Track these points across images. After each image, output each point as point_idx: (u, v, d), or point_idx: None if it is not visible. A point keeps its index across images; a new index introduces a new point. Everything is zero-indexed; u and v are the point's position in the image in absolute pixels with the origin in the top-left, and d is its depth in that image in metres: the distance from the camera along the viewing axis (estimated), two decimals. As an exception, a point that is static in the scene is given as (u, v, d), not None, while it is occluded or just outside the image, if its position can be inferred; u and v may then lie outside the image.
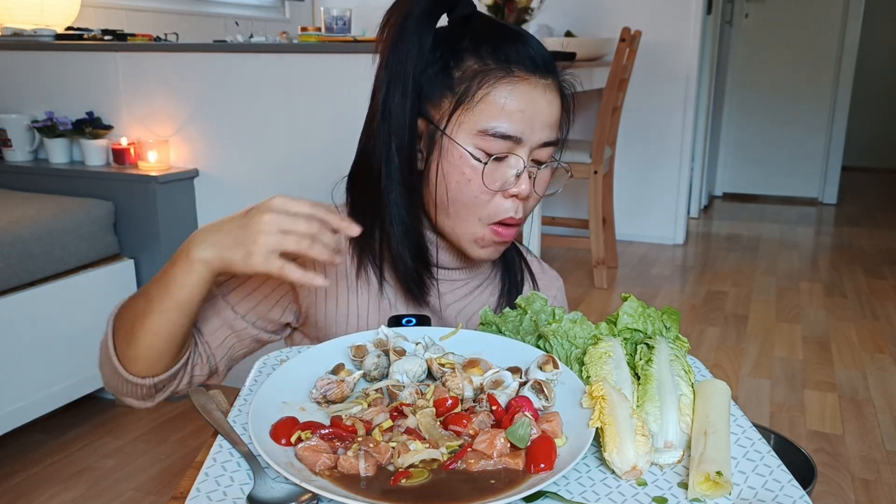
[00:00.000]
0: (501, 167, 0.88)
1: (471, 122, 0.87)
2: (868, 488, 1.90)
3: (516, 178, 0.88)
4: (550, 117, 0.89)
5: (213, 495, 0.59)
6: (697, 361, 0.83)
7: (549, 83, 0.90)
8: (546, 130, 0.89)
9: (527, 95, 0.87)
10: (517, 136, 0.87)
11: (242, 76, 2.18)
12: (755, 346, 2.79)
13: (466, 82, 0.87)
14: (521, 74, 0.87)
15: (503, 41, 0.88)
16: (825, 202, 5.42)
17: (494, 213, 0.90)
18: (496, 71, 0.87)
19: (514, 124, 0.87)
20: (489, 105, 0.86)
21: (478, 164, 0.87)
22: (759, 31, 5.33)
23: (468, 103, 0.87)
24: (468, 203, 0.89)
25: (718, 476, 0.59)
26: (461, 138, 0.88)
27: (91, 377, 2.14)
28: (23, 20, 2.63)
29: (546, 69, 0.89)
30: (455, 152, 0.88)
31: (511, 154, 0.88)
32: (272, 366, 0.81)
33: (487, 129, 0.86)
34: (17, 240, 1.91)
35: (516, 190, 0.88)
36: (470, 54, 0.88)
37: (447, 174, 0.89)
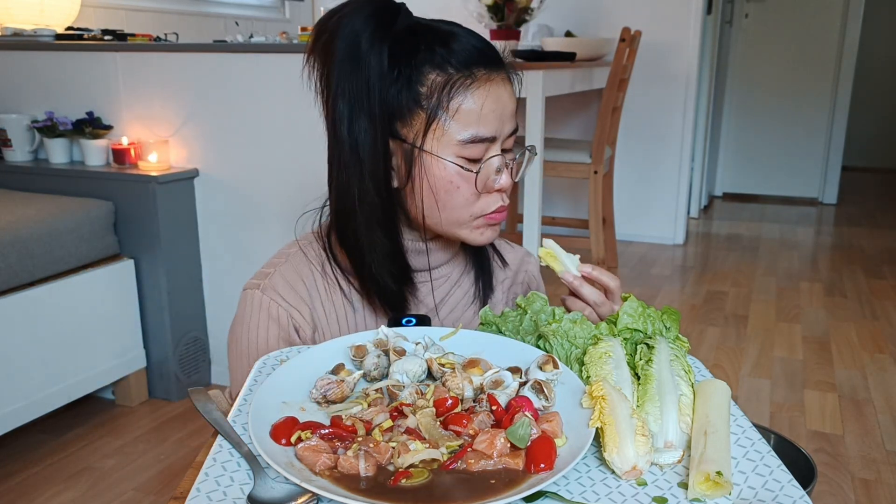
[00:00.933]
0: (486, 167, 0.90)
1: (450, 135, 0.87)
2: (868, 488, 1.90)
3: (497, 172, 0.91)
4: (513, 107, 0.92)
5: (213, 495, 0.59)
6: (697, 361, 0.83)
7: (504, 75, 0.91)
8: (511, 120, 0.92)
9: (495, 94, 0.88)
10: (493, 136, 0.89)
11: (242, 76, 2.18)
12: (755, 346, 2.79)
13: (435, 95, 0.87)
14: (484, 75, 0.88)
15: (451, 44, 0.88)
16: (825, 202, 5.42)
17: (485, 208, 0.92)
18: (461, 78, 0.87)
19: (490, 126, 0.88)
20: (465, 114, 0.87)
21: (467, 173, 0.89)
22: (759, 31, 5.33)
23: (442, 116, 0.87)
24: (459, 206, 0.91)
25: (718, 476, 0.59)
26: (443, 151, 0.88)
27: (91, 377, 2.14)
28: (23, 20, 2.63)
29: (497, 61, 0.90)
30: (439, 165, 0.89)
31: (489, 153, 0.90)
32: (272, 366, 0.81)
33: (466, 139, 0.87)
34: (17, 240, 1.91)
35: (500, 184, 0.91)
36: (428, 65, 0.87)
37: (435, 187, 0.90)
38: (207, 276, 2.38)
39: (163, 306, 2.26)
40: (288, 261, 0.98)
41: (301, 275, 0.97)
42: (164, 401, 2.33)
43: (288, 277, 0.96)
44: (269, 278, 0.96)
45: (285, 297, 0.95)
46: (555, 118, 4.14)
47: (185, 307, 2.32)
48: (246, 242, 2.29)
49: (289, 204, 2.15)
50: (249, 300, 0.96)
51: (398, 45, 0.88)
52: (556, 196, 4.29)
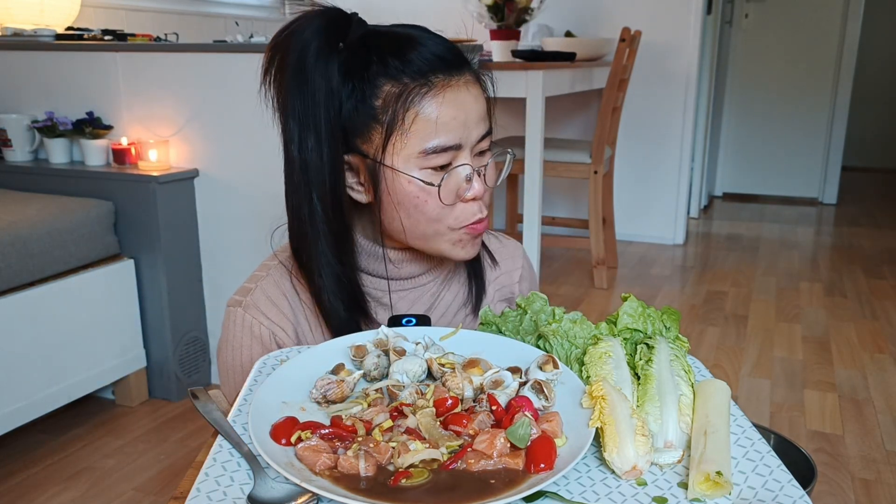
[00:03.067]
0: (452, 178, 0.86)
1: (409, 147, 0.84)
2: (868, 488, 1.90)
3: (468, 181, 0.87)
4: (480, 111, 0.87)
5: (213, 495, 0.59)
6: (697, 361, 0.83)
7: (468, 78, 0.86)
8: (480, 125, 0.87)
9: (455, 101, 0.84)
10: (457, 144, 0.85)
11: (242, 76, 2.18)
12: (755, 346, 2.79)
13: (391, 108, 0.83)
14: (441, 81, 0.84)
15: (408, 51, 0.84)
16: (825, 202, 5.42)
17: (462, 220, 0.89)
18: (416, 87, 0.83)
19: (451, 134, 0.84)
20: (422, 125, 0.83)
21: (429, 186, 0.85)
22: (759, 31, 5.33)
23: (399, 129, 0.84)
24: (433, 220, 0.88)
25: (718, 476, 0.59)
26: (403, 165, 0.85)
27: (91, 377, 2.14)
28: (23, 20, 2.63)
29: (460, 64, 0.86)
30: (401, 180, 0.85)
31: (457, 162, 0.86)
32: (272, 366, 0.81)
33: (427, 149, 0.84)
34: (17, 240, 1.91)
35: (472, 193, 0.87)
36: (382, 77, 0.84)
37: (401, 202, 0.87)
38: (207, 276, 2.38)
39: (163, 306, 2.26)
40: (269, 274, 0.96)
41: (283, 289, 0.95)
42: (164, 401, 2.34)
43: (269, 293, 0.95)
44: (250, 294, 0.95)
45: (267, 314, 0.94)
46: (555, 118, 4.14)
47: (185, 307, 2.32)
48: (246, 242, 2.29)
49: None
50: (232, 318, 0.95)
51: (351, 58, 0.85)
52: (556, 196, 4.29)
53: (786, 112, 5.38)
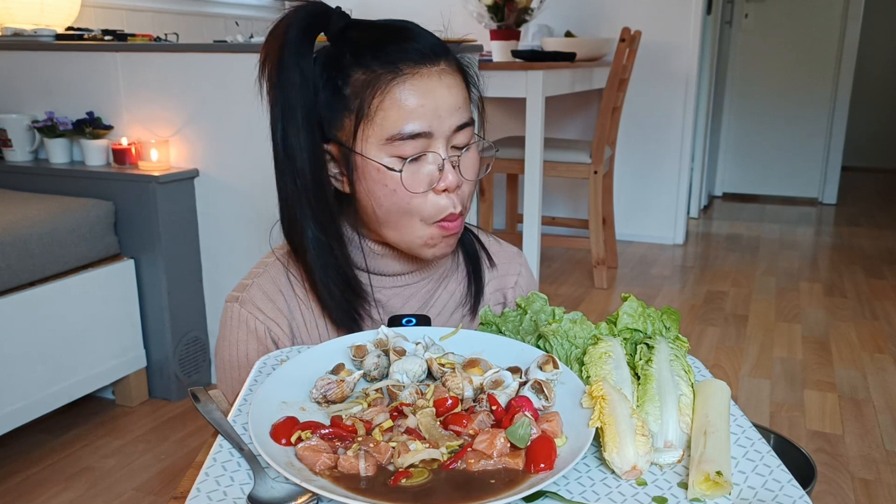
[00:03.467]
0: (422, 167, 0.86)
1: (376, 134, 0.85)
2: (868, 488, 1.90)
3: (440, 172, 0.87)
4: (455, 100, 0.87)
5: (213, 495, 0.59)
6: (697, 361, 0.83)
7: (443, 67, 0.87)
8: (455, 115, 0.87)
9: (422, 88, 0.85)
10: (426, 132, 0.85)
11: (242, 76, 2.18)
12: (755, 346, 2.79)
13: (359, 96, 0.85)
14: (410, 69, 0.85)
15: (383, 42, 0.86)
16: (825, 202, 5.42)
17: (434, 213, 0.88)
18: (384, 75, 0.84)
19: (418, 121, 0.84)
20: (388, 111, 0.84)
21: (394, 172, 0.86)
22: (759, 31, 5.33)
23: (367, 116, 0.85)
24: (404, 211, 0.88)
25: (718, 476, 0.59)
26: (372, 152, 0.86)
27: (91, 377, 2.14)
28: (23, 20, 2.63)
29: (435, 55, 0.87)
30: (371, 167, 0.86)
31: (427, 151, 0.86)
32: (272, 366, 0.81)
33: (394, 135, 0.84)
34: (17, 240, 1.91)
35: (444, 184, 0.87)
36: (355, 67, 0.86)
37: (371, 191, 0.88)
38: (207, 276, 2.38)
39: (163, 306, 2.26)
40: (266, 271, 0.98)
41: (279, 285, 0.97)
42: (164, 401, 2.34)
43: (266, 289, 0.96)
44: (247, 290, 0.96)
45: (263, 309, 0.95)
46: (555, 118, 4.14)
47: (185, 307, 2.32)
48: (246, 242, 2.29)
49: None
50: (229, 314, 0.96)
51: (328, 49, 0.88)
52: (556, 196, 4.29)
53: (786, 112, 5.38)
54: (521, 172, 3.08)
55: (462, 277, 1.04)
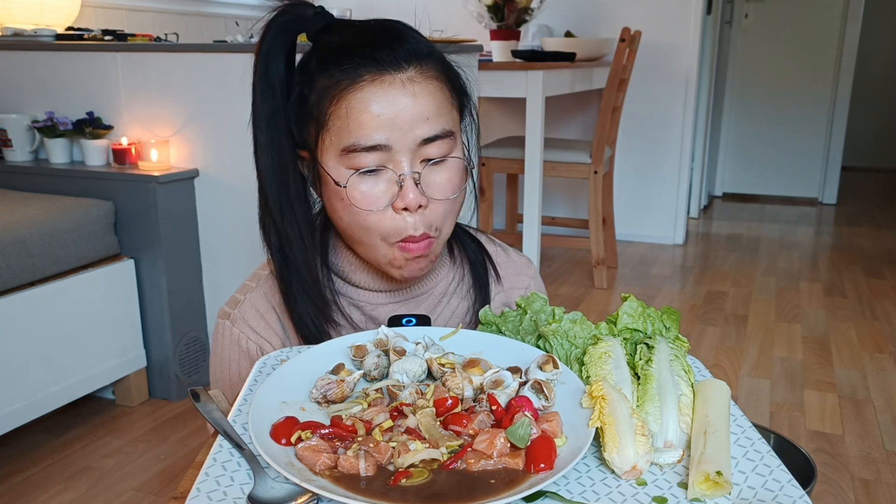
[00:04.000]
0: (378, 181, 0.81)
1: (333, 144, 0.80)
2: (868, 488, 1.90)
3: (400, 189, 0.80)
4: (421, 111, 0.79)
5: (213, 495, 0.59)
6: (697, 361, 0.83)
7: (412, 75, 0.80)
8: (422, 126, 0.80)
9: (381, 97, 0.78)
10: (383, 144, 0.79)
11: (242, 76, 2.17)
12: (755, 346, 2.79)
13: (320, 104, 0.81)
14: (371, 76, 0.79)
15: (350, 47, 0.81)
16: (825, 202, 5.42)
17: (394, 232, 0.82)
18: (343, 81, 0.79)
19: (373, 132, 0.78)
20: (342, 120, 0.79)
21: (340, 188, 0.81)
22: (759, 31, 5.33)
23: (326, 125, 0.80)
24: (363, 228, 0.83)
25: (718, 476, 0.59)
26: (330, 164, 0.81)
27: (91, 377, 2.14)
28: (23, 20, 2.63)
29: (405, 60, 0.80)
30: (329, 179, 0.82)
31: (385, 165, 0.80)
32: (272, 366, 0.81)
33: (348, 146, 0.79)
34: (17, 240, 1.91)
35: (402, 202, 0.80)
36: (319, 73, 0.81)
37: (331, 204, 0.84)
38: (207, 276, 2.38)
39: (163, 306, 2.26)
40: (259, 286, 0.95)
41: (271, 301, 0.93)
42: (164, 401, 2.34)
43: (258, 305, 0.93)
44: (239, 307, 0.93)
45: (255, 328, 0.92)
46: (555, 118, 4.14)
47: (185, 307, 2.32)
48: (246, 242, 2.29)
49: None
50: (221, 331, 0.94)
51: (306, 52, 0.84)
52: (556, 196, 4.29)
53: (786, 112, 5.38)
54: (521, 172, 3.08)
55: (466, 293, 0.99)
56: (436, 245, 0.86)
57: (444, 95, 0.83)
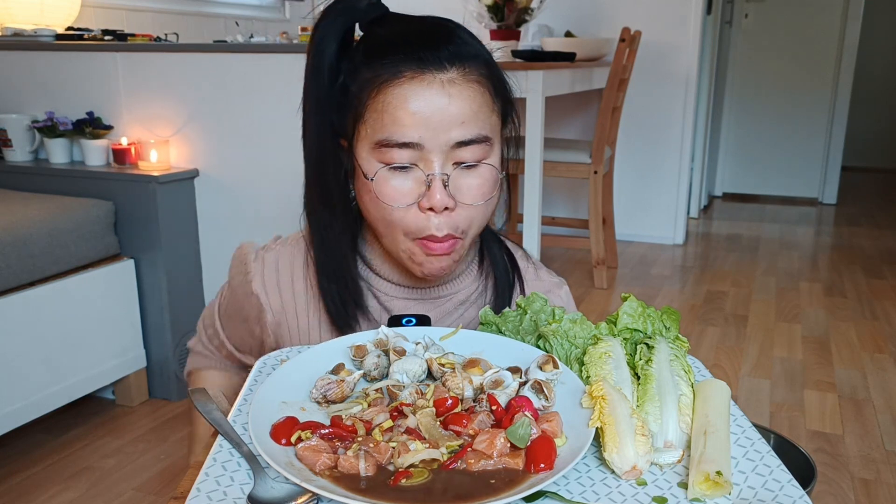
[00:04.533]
0: (407, 179, 0.81)
1: (368, 137, 0.81)
2: (868, 488, 1.90)
3: (427, 189, 0.80)
4: (458, 113, 0.79)
5: (213, 495, 0.59)
6: (697, 361, 0.83)
7: (453, 76, 0.80)
8: (457, 129, 0.80)
9: (418, 95, 0.79)
10: (416, 143, 0.79)
11: (242, 76, 2.18)
12: (755, 346, 2.79)
13: (359, 95, 0.82)
14: (411, 73, 0.79)
15: (396, 42, 0.81)
16: (825, 202, 5.42)
17: (417, 229, 0.83)
18: (383, 76, 0.80)
19: (407, 129, 0.79)
20: (378, 114, 0.80)
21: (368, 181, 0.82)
22: (759, 31, 5.33)
23: (363, 117, 0.82)
24: (388, 221, 0.83)
25: (718, 476, 0.59)
26: (363, 155, 0.83)
27: (91, 377, 2.14)
28: (23, 20, 2.63)
29: (446, 61, 0.80)
30: (360, 171, 0.83)
31: (420, 164, 0.81)
32: (272, 366, 0.81)
33: (381, 140, 0.80)
34: (17, 240, 1.91)
35: (428, 202, 0.80)
36: (363, 65, 0.82)
37: (360, 194, 0.86)
38: (207, 276, 2.38)
39: (163, 306, 2.26)
40: (288, 245, 0.98)
41: (293, 265, 0.96)
42: (164, 401, 2.33)
43: (281, 261, 0.96)
44: (266, 251, 0.98)
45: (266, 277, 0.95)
46: (555, 118, 4.14)
47: (185, 307, 2.32)
48: (246, 242, 2.29)
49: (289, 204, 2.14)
50: (240, 258, 0.99)
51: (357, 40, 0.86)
52: (556, 196, 4.29)
53: (786, 112, 5.38)
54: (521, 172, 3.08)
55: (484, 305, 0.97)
56: (460, 247, 0.86)
57: (483, 100, 0.82)
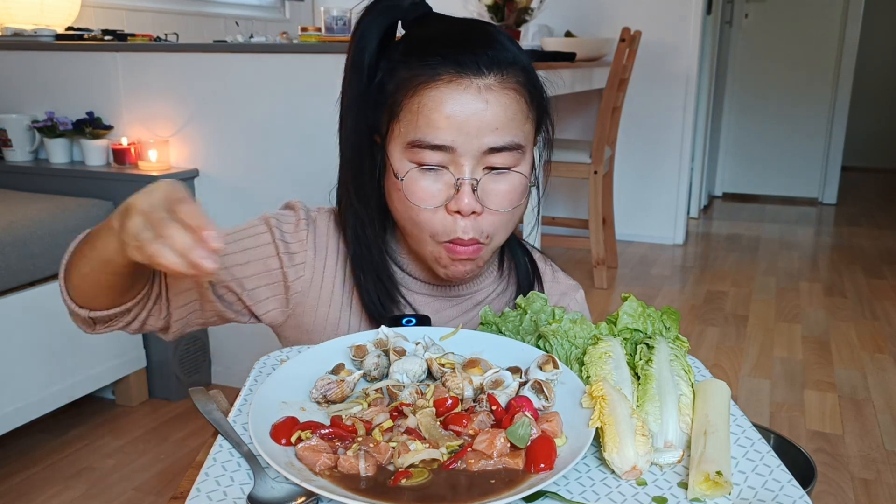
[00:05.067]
0: (437, 181, 0.81)
1: (401, 136, 0.82)
2: (868, 488, 1.90)
3: (456, 192, 0.81)
4: (492, 119, 0.80)
5: (213, 495, 0.59)
6: (697, 361, 0.83)
7: (490, 82, 0.80)
8: (490, 135, 0.80)
9: (454, 99, 0.79)
10: (448, 146, 0.79)
11: (242, 76, 2.18)
12: (755, 346, 2.79)
13: (396, 94, 0.82)
14: (448, 76, 0.79)
15: (436, 44, 0.81)
16: (825, 202, 5.42)
17: (443, 232, 0.83)
18: (420, 77, 0.80)
19: (441, 132, 0.79)
20: (413, 114, 0.80)
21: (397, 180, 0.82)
22: (759, 31, 5.33)
23: (398, 116, 0.82)
24: (415, 222, 0.84)
25: (718, 476, 0.59)
26: (395, 154, 0.83)
27: (91, 377, 2.14)
28: (23, 20, 2.63)
29: (484, 67, 0.80)
30: (391, 169, 0.84)
31: (451, 167, 0.81)
32: (272, 366, 0.81)
33: (414, 141, 0.80)
34: (17, 240, 1.91)
35: (456, 206, 0.81)
36: (402, 64, 0.82)
37: (390, 192, 0.86)
38: (207, 276, 2.37)
39: (163, 306, 2.26)
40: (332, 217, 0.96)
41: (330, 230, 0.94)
42: (164, 401, 2.33)
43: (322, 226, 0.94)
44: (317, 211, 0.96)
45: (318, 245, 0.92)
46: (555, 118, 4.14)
47: (185, 307, 2.32)
48: (246, 242, 2.29)
49: (289, 204, 2.14)
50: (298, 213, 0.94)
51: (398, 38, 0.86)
52: (556, 196, 4.29)
53: (786, 112, 5.38)
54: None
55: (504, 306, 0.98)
56: (485, 251, 0.86)
57: (519, 107, 0.82)
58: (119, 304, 0.86)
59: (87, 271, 0.83)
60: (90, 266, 0.81)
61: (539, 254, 1.05)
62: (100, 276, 0.81)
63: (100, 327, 0.89)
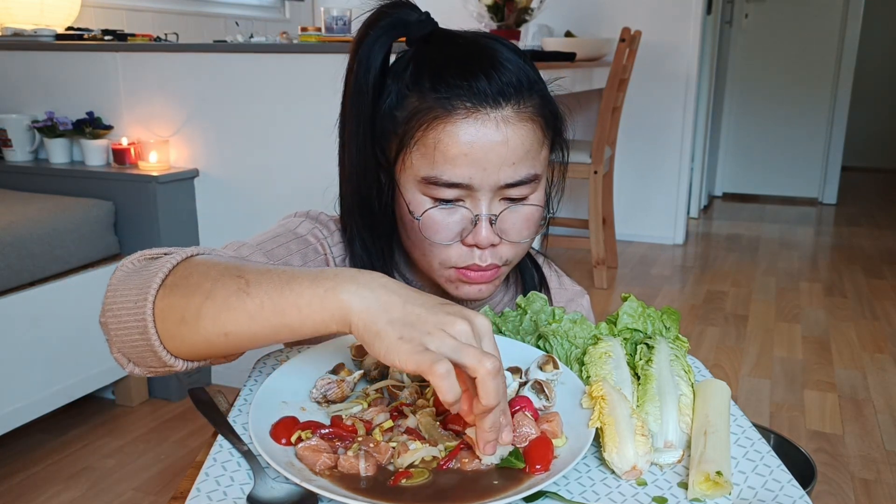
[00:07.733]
0: (452, 215, 0.78)
1: (413, 169, 0.78)
2: (868, 488, 1.90)
3: (473, 226, 0.78)
4: (510, 154, 0.76)
5: (213, 495, 0.59)
6: (697, 361, 0.83)
7: (508, 114, 0.76)
8: (507, 170, 0.76)
9: (471, 135, 0.75)
10: (465, 184, 0.76)
11: (242, 76, 2.18)
12: (755, 346, 2.79)
13: (407, 123, 0.77)
14: (465, 109, 0.75)
15: (448, 70, 0.77)
16: (825, 202, 5.42)
17: (456, 260, 0.81)
18: (434, 109, 0.76)
19: (457, 170, 0.75)
20: (428, 149, 0.76)
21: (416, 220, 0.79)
22: (759, 31, 5.33)
23: (409, 147, 0.78)
24: (423, 251, 0.82)
25: (718, 476, 0.59)
26: (407, 185, 0.79)
27: (91, 377, 2.14)
28: (23, 20, 2.63)
29: (502, 98, 0.76)
30: (402, 199, 0.80)
31: (468, 201, 0.78)
32: (272, 366, 0.81)
33: (429, 178, 0.76)
34: (17, 240, 1.91)
35: (473, 240, 0.78)
36: (411, 90, 0.78)
37: (401, 218, 0.83)
38: (207, 276, 2.37)
39: (163, 306, 2.25)
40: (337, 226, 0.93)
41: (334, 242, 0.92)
42: (164, 401, 2.33)
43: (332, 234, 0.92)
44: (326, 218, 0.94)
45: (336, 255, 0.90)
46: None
47: (185, 307, 2.32)
48: (246, 242, 2.29)
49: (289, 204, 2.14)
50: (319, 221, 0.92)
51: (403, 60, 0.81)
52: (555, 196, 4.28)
53: (786, 112, 5.38)
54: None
55: None
56: (501, 273, 0.84)
57: (535, 137, 0.79)
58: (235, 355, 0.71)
59: (242, 331, 0.62)
60: (258, 328, 0.61)
61: (543, 258, 1.04)
62: (253, 339, 0.63)
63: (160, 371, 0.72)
